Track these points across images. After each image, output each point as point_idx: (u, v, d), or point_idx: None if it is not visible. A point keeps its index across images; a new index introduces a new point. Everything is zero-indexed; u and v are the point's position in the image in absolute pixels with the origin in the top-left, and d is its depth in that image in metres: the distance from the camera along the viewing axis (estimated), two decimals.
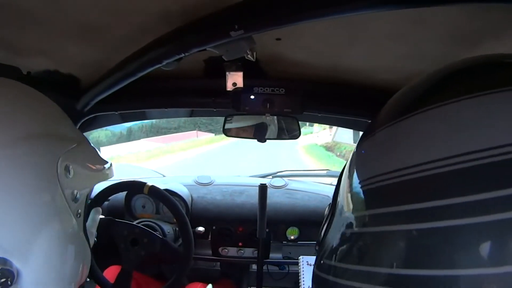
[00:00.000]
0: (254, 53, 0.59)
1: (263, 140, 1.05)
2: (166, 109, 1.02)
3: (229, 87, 0.76)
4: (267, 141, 1.05)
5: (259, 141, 1.05)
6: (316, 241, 0.42)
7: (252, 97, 0.93)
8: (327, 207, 0.42)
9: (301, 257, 0.86)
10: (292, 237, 1.24)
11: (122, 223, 1.04)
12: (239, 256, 1.24)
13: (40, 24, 0.58)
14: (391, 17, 0.55)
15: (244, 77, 0.75)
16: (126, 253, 1.02)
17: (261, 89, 0.93)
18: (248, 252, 1.23)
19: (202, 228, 1.18)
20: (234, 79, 0.75)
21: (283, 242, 1.25)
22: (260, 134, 1.06)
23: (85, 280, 0.51)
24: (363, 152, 0.37)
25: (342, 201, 0.37)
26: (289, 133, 1.06)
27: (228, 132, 1.07)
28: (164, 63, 0.61)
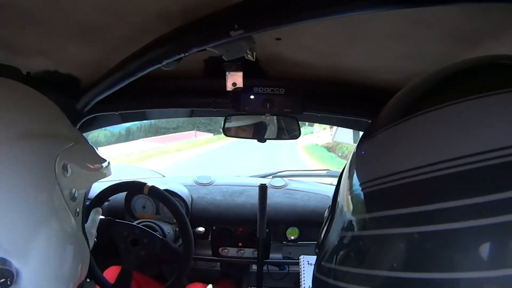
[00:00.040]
0: (254, 53, 0.59)
1: (262, 140, 1.05)
2: (166, 109, 1.02)
3: (229, 87, 0.76)
4: (267, 142, 1.05)
5: (259, 141, 1.05)
6: (316, 244, 0.42)
7: (252, 97, 0.93)
8: (327, 209, 0.42)
9: (302, 257, 0.86)
10: (292, 237, 1.24)
11: (122, 223, 1.04)
12: (239, 256, 1.23)
13: (40, 24, 0.58)
14: (391, 17, 0.55)
15: (244, 77, 0.75)
16: (126, 254, 1.02)
17: (261, 89, 0.92)
18: (248, 252, 1.23)
19: (202, 229, 1.17)
20: (234, 79, 0.75)
21: (283, 242, 1.25)
22: (259, 134, 1.06)
23: (84, 280, 0.51)
24: (363, 153, 0.37)
25: (342, 202, 0.37)
26: (289, 133, 1.06)
27: (227, 132, 1.07)
28: (164, 63, 0.61)
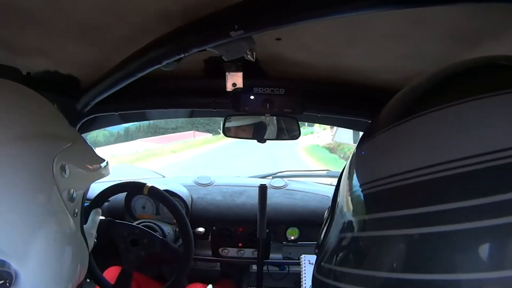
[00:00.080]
0: (254, 53, 0.59)
1: (262, 140, 1.05)
2: (166, 109, 1.02)
3: (229, 87, 0.76)
4: (267, 143, 1.05)
5: (259, 142, 1.05)
6: (316, 244, 0.42)
7: (252, 97, 0.93)
8: (327, 210, 0.42)
9: (303, 256, 0.86)
10: (292, 238, 1.24)
11: (122, 224, 1.04)
12: (239, 256, 1.23)
13: (40, 24, 0.58)
14: (391, 17, 0.55)
15: (244, 77, 0.75)
16: (126, 254, 1.01)
17: (261, 89, 0.92)
18: (248, 253, 1.23)
19: (202, 229, 1.17)
20: (234, 79, 0.75)
21: (283, 242, 1.25)
22: (259, 135, 1.05)
23: (83, 280, 0.51)
24: (363, 154, 0.37)
25: (342, 203, 0.37)
26: (289, 133, 1.06)
27: (227, 132, 1.07)
28: (164, 63, 0.61)
